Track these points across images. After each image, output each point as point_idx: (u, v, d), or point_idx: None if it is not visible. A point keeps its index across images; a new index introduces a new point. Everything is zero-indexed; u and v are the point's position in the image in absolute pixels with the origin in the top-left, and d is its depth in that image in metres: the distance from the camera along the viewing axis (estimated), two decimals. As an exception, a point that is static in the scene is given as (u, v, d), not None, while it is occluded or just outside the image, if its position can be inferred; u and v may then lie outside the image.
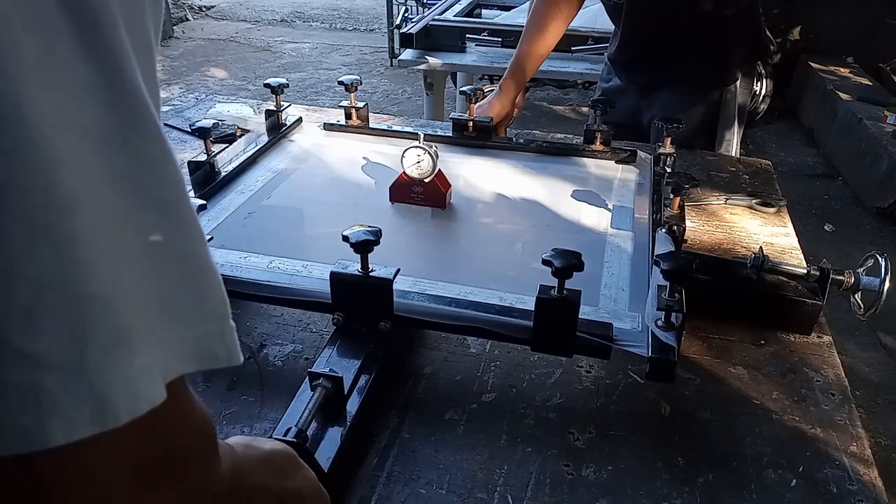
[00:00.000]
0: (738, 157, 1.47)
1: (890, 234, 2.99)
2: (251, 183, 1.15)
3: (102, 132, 0.27)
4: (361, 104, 1.35)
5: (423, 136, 1.09)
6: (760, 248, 0.93)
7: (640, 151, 1.26)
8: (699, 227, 1.13)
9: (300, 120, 1.38)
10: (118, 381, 0.27)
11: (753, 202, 1.19)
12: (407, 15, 3.98)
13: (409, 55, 2.34)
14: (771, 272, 0.92)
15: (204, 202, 0.95)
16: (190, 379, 0.34)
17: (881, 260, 0.88)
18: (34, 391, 0.26)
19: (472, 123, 1.28)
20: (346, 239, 0.75)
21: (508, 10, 2.87)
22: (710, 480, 0.69)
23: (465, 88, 1.25)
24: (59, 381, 0.26)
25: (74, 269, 0.26)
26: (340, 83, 1.28)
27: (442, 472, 0.70)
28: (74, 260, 0.26)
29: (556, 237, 1.05)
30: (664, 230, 0.93)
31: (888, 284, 0.86)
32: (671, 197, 0.98)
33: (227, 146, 1.20)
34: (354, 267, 0.77)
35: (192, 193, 1.07)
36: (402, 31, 2.43)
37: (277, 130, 1.31)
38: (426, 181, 1.08)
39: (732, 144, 1.48)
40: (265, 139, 1.27)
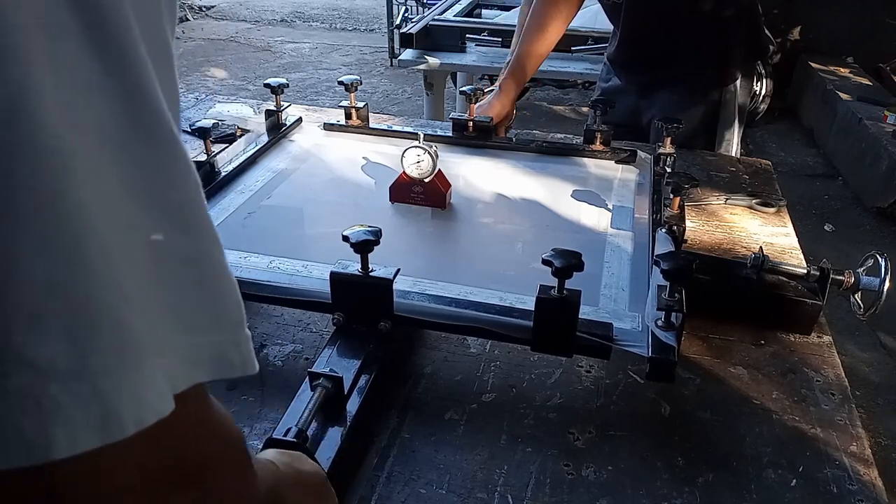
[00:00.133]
0: (738, 157, 1.47)
1: (890, 234, 2.99)
2: (251, 183, 1.15)
3: (113, 134, 0.26)
4: (361, 104, 1.35)
5: (423, 136, 1.09)
6: (760, 248, 0.93)
7: (640, 151, 1.26)
8: (699, 227, 1.13)
9: (300, 120, 1.38)
10: (125, 391, 0.26)
11: (753, 202, 1.19)
12: (407, 15, 3.99)
13: (409, 55, 2.34)
14: (771, 272, 0.92)
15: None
16: None
17: (881, 260, 0.88)
18: (37, 399, 0.25)
19: (472, 123, 1.28)
20: (346, 239, 0.75)
21: (508, 10, 2.87)
22: (710, 480, 0.69)
23: (465, 88, 1.25)
24: (63, 389, 0.25)
25: (82, 274, 0.25)
26: (340, 83, 1.28)
27: (442, 472, 0.70)
28: (82, 265, 0.25)
29: (556, 237, 1.05)
30: (664, 230, 0.93)
31: (888, 284, 0.86)
32: (671, 197, 0.98)
33: (227, 146, 1.20)
34: (354, 267, 0.77)
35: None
36: (402, 31, 2.43)
37: (277, 130, 1.31)
38: (426, 181, 1.08)
39: (732, 144, 1.48)
40: (265, 139, 1.27)
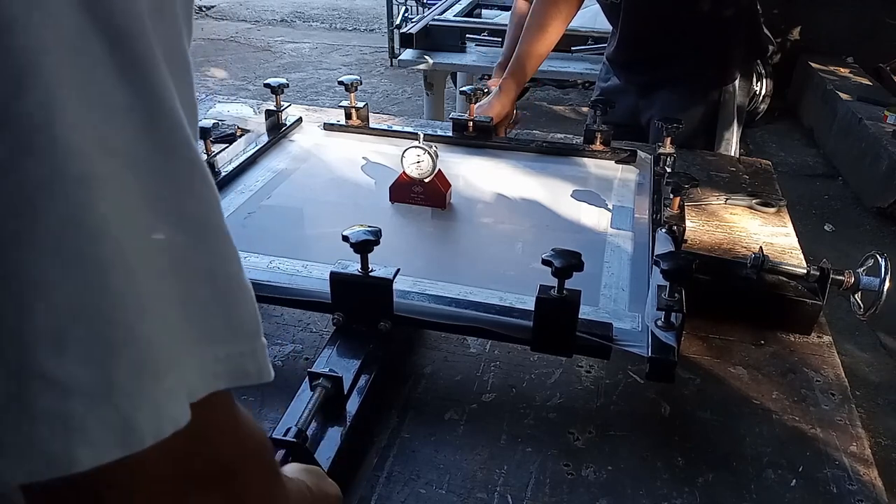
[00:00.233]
0: (737, 156, 1.47)
1: (890, 234, 2.99)
2: (251, 183, 1.15)
3: (138, 155, 0.27)
4: (361, 104, 1.35)
5: (423, 136, 1.09)
6: (760, 248, 0.93)
7: (640, 151, 1.26)
8: (699, 227, 1.13)
9: (300, 120, 1.38)
10: (144, 404, 0.27)
11: (753, 202, 1.19)
12: (407, 15, 3.98)
13: (409, 55, 2.34)
14: (771, 272, 0.92)
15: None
16: None
17: (881, 260, 0.88)
18: (62, 417, 0.25)
19: (472, 123, 1.28)
20: (346, 239, 0.75)
21: (508, 10, 2.85)
22: (710, 480, 0.69)
23: (465, 88, 1.25)
24: (86, 406, 0.26)
25: (104, 295, 0.26)
26: (340, 83, 1.28)
27: (442, 472, 0.70)
28: (105, 286, 0.26)
29: (556, 237, 1.05)
30: (664, 230, 0.93)
31: (888, 284, 0.86)
32: (671, 197, 0.98)
33: (227, 146, 1.20)
34: (354, 267, 0.77)
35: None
36: (402, 31, 2.43)
37: (277, 130, 1.31)
38: (426, 181, 1.08)
39: (732, 144, 1.48)
40: (265, 139, 1.27)
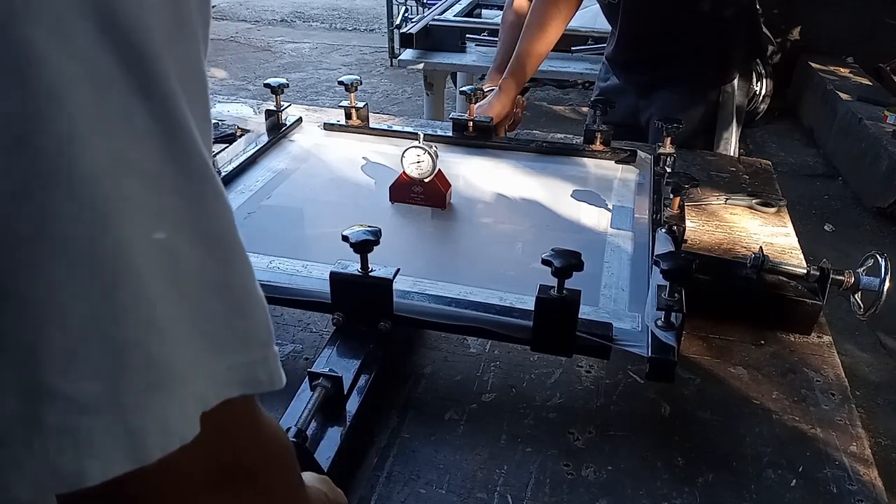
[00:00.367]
0: (737, 156, 1.47)
1: (890, 234, 2.99)
2: (251, 183, 1.15)
3: (155, 174, 0.27)
4: (361, 104, 1.35)
5: (423, 136, 1.09)
6: (760, 248, 0.93)
7: (640, 151, 1.26)
8: (699, 227, 1.13)
9: (300, 120, 1.38)
10: (153, 420, 0.28)
11: (753, 202, 1.19)
12: (407, 15, 3.98)
13: (409, 55, 2.34)
14: (771, 272, 0.92)
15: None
16: None
17: (881, 260, 0.88)
18: (71, 433, 0.26)
19: (472, 123, 1.28)
20: (346, 239, 0.75)
21: (508, 10, 2.87)
22: (710, 480, 0.69)
23: (465, 88, 1.25)
24: (95, 421, 0.26)
25: (117, 312, 0.26)
26: (340, 83, 1.28)
27: (442, 472, 0.70)
28: (119, 304, 0.26)
29: (556, 237, 1.05)
30: (664, 230, 0.93)
31: (888, 284, 0.86)
32: (671, 197, 0.98)
33: (227, 146, 1.20)
34: (354, 267, 0.77)
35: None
36: (402, 31, 2.43)
37: (277, 130, 1.31)
38: (426, 181, 1.08)
39: (731, 144, 1.48)
40: (265, 139, 1.27)
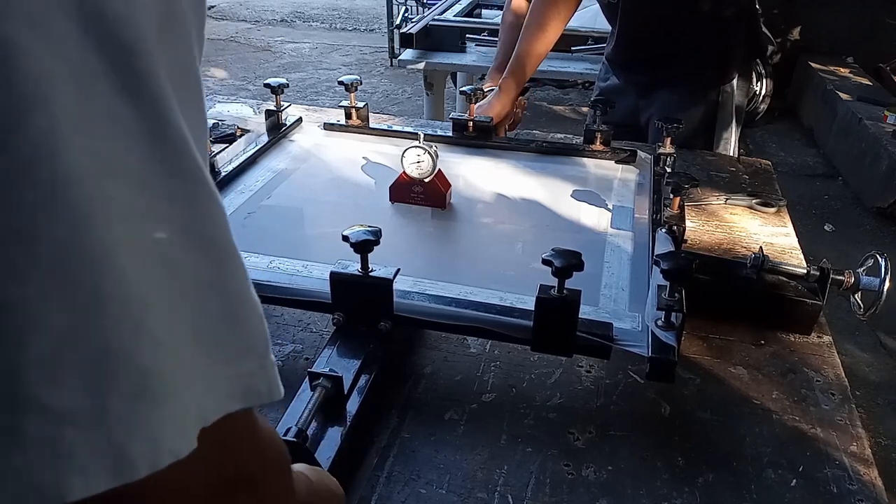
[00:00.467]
0: (737, 156, 1.47)
1: (890, 234, 2.99)
2: (251, 183, 1.15)
3: (144, 175, 0.26)
4: (361, 104, 1.35)
5: (423, 136, 1.09)
6: (760, 248, 0.93)
7: (640, 151, 1.26)
8: (699, 227, 1.13)
9: (300, 120, 1.38)
10: (140, 434, 0.26)
11: (753, 202, 1.19)
12: (407, 15, 3.98)
13: (409, 55, 2.34)
14: (771, 272, 0.92)
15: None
16: None
17: (881, 260, 0.88)
18: (53, 445, 0.25)
19: (472, 123, 1.28)
20: (346, 239, 0.75)
21: (508, 10, 2.87)
22: (710, 480, 0.69)
23: (465, 88, 1.25)
24: (77, 434, 0.25)
25: (102, 320, 0.25)
26: (340, 83, 1.28)
27: (442, 472, 0.70)
28: (103, 312, 0.25)
29: (556, 237, 1.05)
30: (664, 230, 0.93)
31: (888, 284, 0.86)
32: (671, 197, 0.98)
33: (227, 146, 1.20)
34: (354, 267, 0.77)
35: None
36: (402, 31, 2.43)
37: (277, 130, 1.31)
38: (426, 181, 1.08)
39: (730, 144, 1.48)
40: (265, 139, 1.27)
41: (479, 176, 1.21)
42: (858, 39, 4.12)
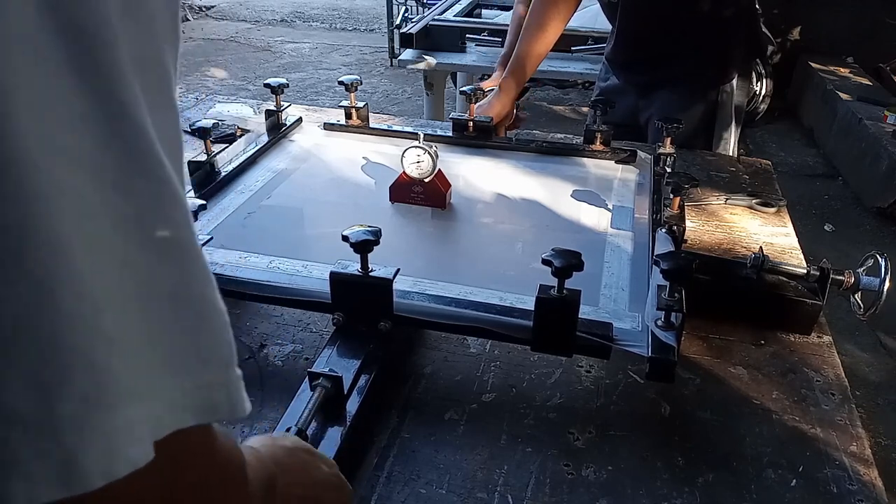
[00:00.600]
0: (737, 156, 1.47)
1: (890, 234, 2.99)
2: (251, 183, 1.15)
3: (96, 166, 0.25)
4: (361, 104, 1.35)
5: (423, 136, 1.09)
6: (760, 248, 0.93)
7: (640, 151, 1.26)
8: (699, 227, 1.13)
9: (300, 120, 1.38)
10: (93, 442, 0.24)
11: (753, 202, 1.19)
12: (407, 15, 3.98)
13: (409, 55, 2.34)
14: (771, 272, 0.92)
15: (204, 202, 0.95)
16: None
17: (881, 260, 0.88)
18: None
19: (472, 123, 1.28)
20: (346, 239, 0.75)
21: (508, 10, 2.86)
22: (710, 480, 0.69)
23: (465, 88, 1.25)
24: (24, 440, 0.23)
25: (52, 315, 0.24)
26: (340, 83, 1.28)
27: (442, 472, 0.70)
28: (53, 305, 0.24)
29: (556, 237, 1.05)
30: (664, 230, 0.93)
31: (888, 284, 0.86)
32: (671, 197, 0.98)
33: (227, 146, 1.20)
34: (354, 267, 0.77)
35: (192, 193, 1.07)
36: (402, 31, 2.43)
37: (277, 130, 1.31)
38: (426, 181, 1.08)
39: (730, 144, 1.48)
40: (265, 139, 1.27)
41: (479, 176, 1.21)
42: (858, 39, 4.11)
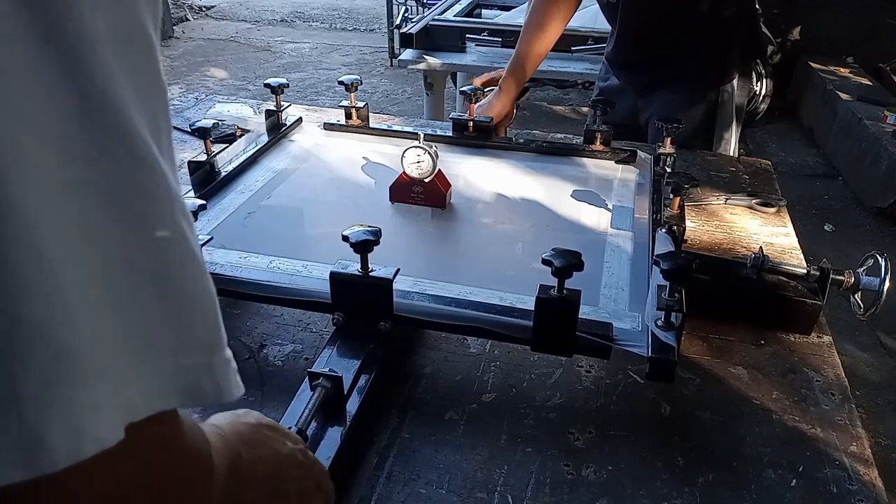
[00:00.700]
0: (737, 156, 1.47)
1: (890, 234, 2.99)
2: (251, 183, 1.15)
3: (63, 137, 0.24)
4: (361, 104, 1.35)
5: (423, 136, 1.09)
6: (760, 248, 0.93)
7: (640, 151, 1.26)
8: (699, 227, 1.13)
9: (300, 120, 1.38)
10: (58, 421, 0.24)
11: (753, 202, 1.19)
12: (407, 15, 3.98)
13: (409, 55, 2.34)
14: (771, 272, 0.92)
15: (204, 202, 0.95)
16: None
17: (881, 260, 0.88)
18: None
19: (472, 123, 1.28)
20: (346, 239, 0.75)
21: (508, 10, 2.87)
22: (710, 480, 0.69)
23: (465, 88, 1.25)
24: None
25: (11, 287, 0.23)
26: (340, 83, 1.28)
27: (442, 472, 0.70)
28: (13, 275, 0.23)
29: (556, 237, 1.05)
30: (664, 230, 0.93)
31: (888, 284, 0.86)
32: (671, 197, 0.98)
33: (227, 146, 1.20)
34: (354, 267, 0.77)
35: (191, 193, 1.07)
36: (402, 31, 2.43)
37: (277, 130, 1.31)
38: (426, 181, 1.08)
39: (730, 144, 1.48)
40: (265, 139, 1.27)
41: (479, 176, 1.21)
42: (858, 39, 4.11)
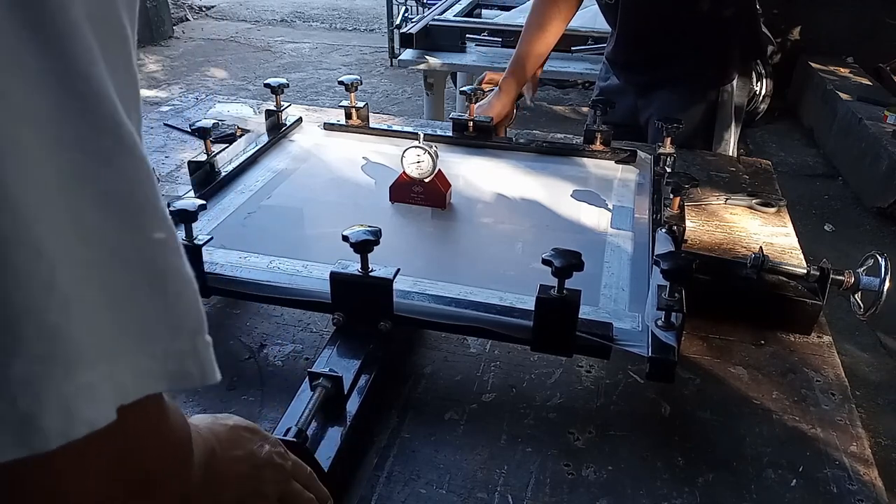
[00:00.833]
0: (737, 156, 1.47)
1: (890, 234, 2.99)
2: (251, 183, 1.15)
3: (50, 122, 0.24)
4: (361, 104, 1.35)
5: (423, 136, 1.09)
6: (760, 248, 0.93)
7: (640, 151, 1.26)
8: (699, 227, 1.13)
9: (300, 120, 1.38)
10: (50, 399, 0.24)
11: (753, 202, 1.19)
12: (407, 15, 3.98)
13: (409, 55, 2.34)
14: (771, 272, 0.92)
15: (204, 202, 0.95)
16: None
17: (881, 260, 0.88)
18: None
19: (472, 123, 1.28)
20: (346, 239, 0.75)
21: (508, 10, 2.87)
22: (710, 480, 0.69)
23: (465, 88, 1.25)
24: None
25: (7, 270, 0.23)
26: (340, 83, 1.28)
27: (442, 472, 0.70)
28: (6, 260, 0.23)
29: (556, 237, 1.05)
30: (664, 230, 0.93)
31: (888, 284, 0.86)
32: (671, 197, 0.98)
33: (227, 146, 1.20)
34: (354, 267, 0.77)
35: (192, 193, 1.07)
36: (402, 31, 2.43)
37: (277, 130, 1.31)
38: (426, 181, 1.08)
39: (730, 144, 1.48)
40: (265, 139, 1.27)
41: (479, 176, 1.21)
42: (858, 39, 4.11)
